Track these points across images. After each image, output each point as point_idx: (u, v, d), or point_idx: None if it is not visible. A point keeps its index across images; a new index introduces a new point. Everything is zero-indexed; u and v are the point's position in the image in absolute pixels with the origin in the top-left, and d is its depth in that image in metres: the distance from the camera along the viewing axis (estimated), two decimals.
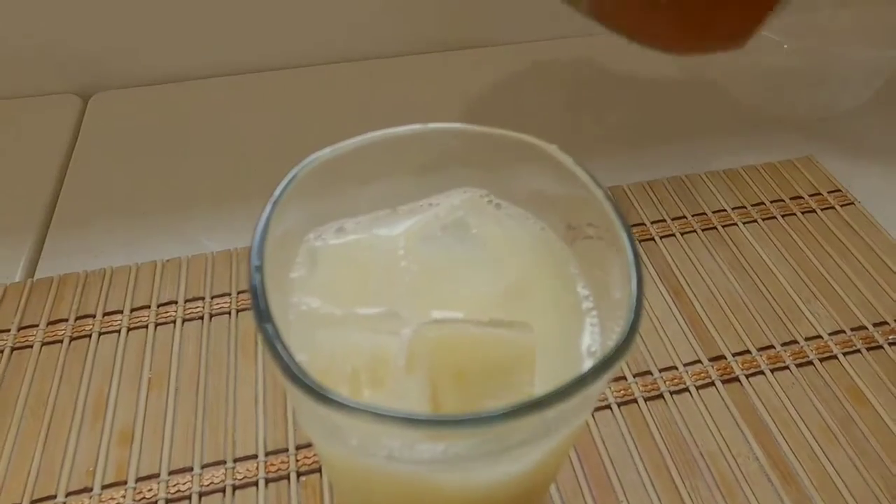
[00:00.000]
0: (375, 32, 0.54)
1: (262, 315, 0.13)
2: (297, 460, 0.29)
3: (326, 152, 0.17)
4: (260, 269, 0.14)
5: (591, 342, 0.17)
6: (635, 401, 0.31)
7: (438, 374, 0.16)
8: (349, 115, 0.49)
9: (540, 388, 0.15)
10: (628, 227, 0.15)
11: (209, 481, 0.29)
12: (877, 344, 0.34)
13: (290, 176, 0.16)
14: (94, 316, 0.35)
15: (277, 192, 0.16)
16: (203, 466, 0.29)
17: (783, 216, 0.41)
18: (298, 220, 0.18)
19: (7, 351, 0.33)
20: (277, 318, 0.14)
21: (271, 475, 0.29)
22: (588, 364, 0.16)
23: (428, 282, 0.18)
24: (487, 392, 0.15)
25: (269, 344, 0.13)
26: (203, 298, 0.36)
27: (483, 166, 0.19)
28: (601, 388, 0.14)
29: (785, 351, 0.34)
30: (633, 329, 0.13)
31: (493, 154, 0.18)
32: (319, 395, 0.12)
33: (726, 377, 0.33)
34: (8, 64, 0.49)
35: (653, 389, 0.32)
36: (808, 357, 0.33)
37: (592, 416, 0.31)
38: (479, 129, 0.18)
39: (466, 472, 0.15)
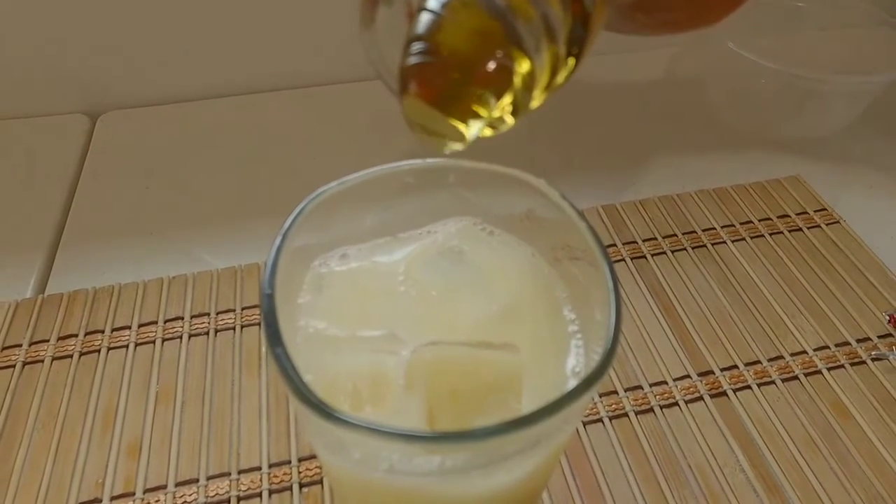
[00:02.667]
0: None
1: (274, 340, 0.15)
2: (300, 472, 0.30)
3: (332, 186, 0.18)
4: (271, 297, 0.15)
5: (576, 363, 0.18)
6: (626, 414, 0.33)
7: (434, 392, 0.17)
8: (350, 135, 0.50)
9: (527, 406, 0.16)
10: (609, 259, 0.17)
11: (214, 492, 0.30)
12: (860, 359, 0.35)
13: (298, 208, 0.18)
14: (102, 331, 0.36)
15: (287, 224, 0.17)
16: (209, 478, 0.30)
17: (771, 234, 0.42)
18: (305, 248, 0.19)
19: (19, 366, 0.34)
20: (286, 340, 0.15)
21: (274, 486, 0.30)
22: (572, 384, 0.18)
23: (425, 305, 0.19)
24: (479, 409, 0.16)
25: (280, 366, 0.14)
26: (208, 314, 0.37)
27: (476, 197, 0.20)
28: (582, 406, 0.15)
29: (771, 366, 0.35)
30: (609, 356, 0.15)
31: (486, 186, 0.19)
32: (327, 413, 0.13)
33: (714, 392, 0.34)
34: (18, 84, 0.51)
35: (643, 403, 0.33)
36: (794, 372, 0.35)
37: (585, 428, 0.32)
38: (473, 165, 0.19)
39: (463, 483, 0.16)
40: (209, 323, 0.36)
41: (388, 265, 0.20)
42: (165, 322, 0.36)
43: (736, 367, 0.35)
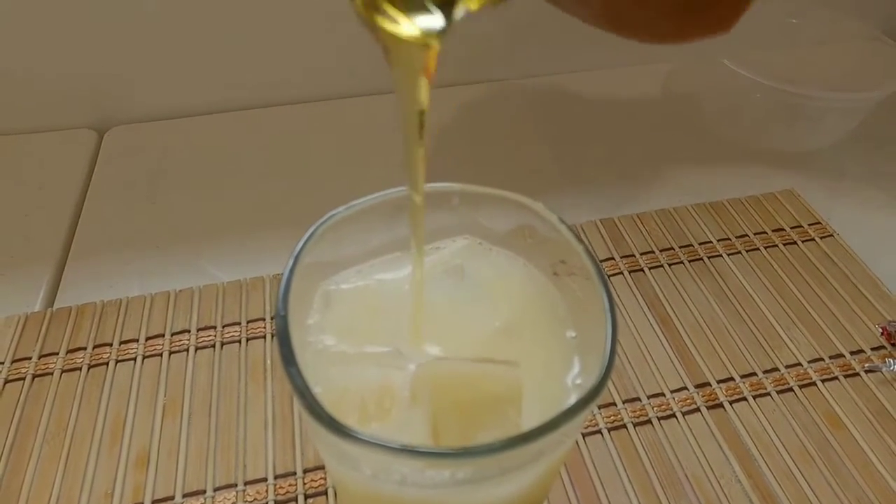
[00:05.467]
0: (375, 71, 0.57)
1: (288, 360, 0.15)
2: (305, 483, 0.31)
3: (341, 210, 0.19)
4: (285, 318, 0.16)
5: (576, 376, 0.19)
6: (625, 426, 0.33)
7: (438, 407, 0.18)
8: (353, 149, 0.51)
9: (527, 420, 0.17)
10: (605, 279, 0.17)
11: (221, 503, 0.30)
12: (853, 371, 0.36)
13: (309, 232, 0.18)
14: (110, 344, 0.36)
15: (298, 248, 0.18)
16: (215, 489, 0.31)
17: (766, 247, 0.43)
18: (315, 268, 0.20)
19: (28, 378, 0.35)
20: (297, 356, 0.16)
21: (280, 498, 0.30)
22: (573, 397, 0.18)
23: (431, 322, 0.20)
24: (481, 423, 0.17)
25: (294, 384, 0.15)
26: (214, 327, 0.37)
27: (479, 218, 0.21)
28: (581, 421, 0.16)
29: (766, 378, 0.36)
30: (604, 378, 0.15)
31: (488, 208, 0.20)
32: (339, 430, 0.14)
33: (711, 403, 0.34)
34: (27, 100, 0.51)
35: (641, 415, 0.34)
36: (789, 384, 0.35)
37: (584, 440, 0.33)
38: (475, 189, 0.20)
39: (467, 494, 0.17)
40: (215, 336, 0.37)
41: (394, 283, 0.21)
42: (172, 335, 0.37)
43: (732, 379, 0.35)
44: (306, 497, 0.30)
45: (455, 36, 0.17)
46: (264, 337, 0.37)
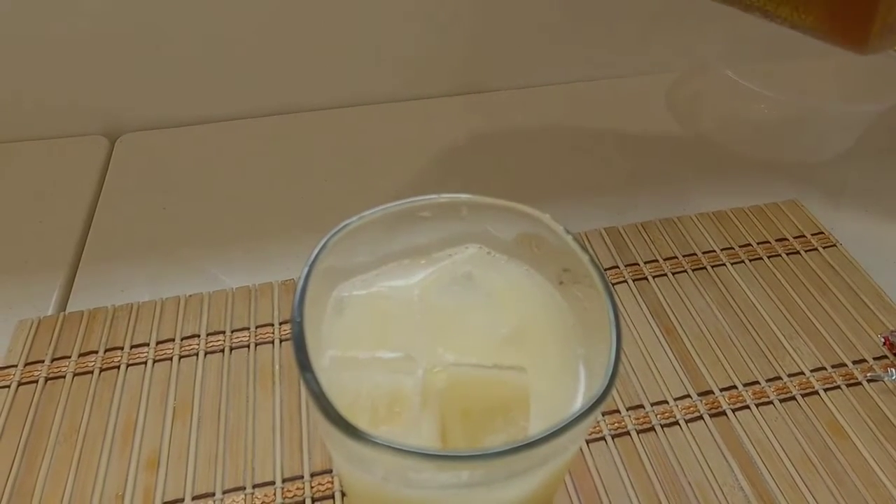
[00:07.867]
0: (385, 80, 0.57)
1: (304, 365, 0.16)
2: (312, 487, 0.31)
3: (353, 220, 0.20)
4: (301, 324, 0.17)
5: (581, 383, 0.19)
6: (628, 433, 0.34)
7: (447, 411, 0.18)
8: (360, 157, 0.52)
9: (534, 425, 0.18)
10: (610, 289, 0.18)
11: None
12: (856, 381, 0.36)
13: (323, 241, 0.19)
14: (122, 348, 0.37)
15: (313, 256, 0.18)
16: (224, 492, 0.31)
17: (769, 257, 0.43)
18: (329, 276, 0.20)
19: (41, 381, 0.35)
20: (311, 362, 0.17)
21: (288, 501, 0.31)
22: (578, 403, 0.19)
23: (440, 328, 0.20)
24: (488, 427, 0.18)
25: (309, 389, 0.16)
26: (224, 332, 0.38)
27: (487, 228, 0.22)
28: (586, 427, 0.16)
29: (769, 386, 0.36)
30: (609, 385, 0.16)
31: (496, 218, 0.20)
32: (352, 432, 0.15)
33: (714, 411, 0.35)
34: (39, 107, 0.52)
35: (645, 422, 0.34)
36: (791, 392, 0.36)
37: (588, 446, 0.33)
38: (483, 200, 0.21)
39: (476, 497, 0.18)
40: (224, 341, 0.37)
41: (405, 290, 0.21)
42: (182, 339, 0.37)
43: (735, 387, 0.36)
44: (314, 500, 0.31)
45: (458, 46, 0.18)
46: (273, 342, 0.38)
